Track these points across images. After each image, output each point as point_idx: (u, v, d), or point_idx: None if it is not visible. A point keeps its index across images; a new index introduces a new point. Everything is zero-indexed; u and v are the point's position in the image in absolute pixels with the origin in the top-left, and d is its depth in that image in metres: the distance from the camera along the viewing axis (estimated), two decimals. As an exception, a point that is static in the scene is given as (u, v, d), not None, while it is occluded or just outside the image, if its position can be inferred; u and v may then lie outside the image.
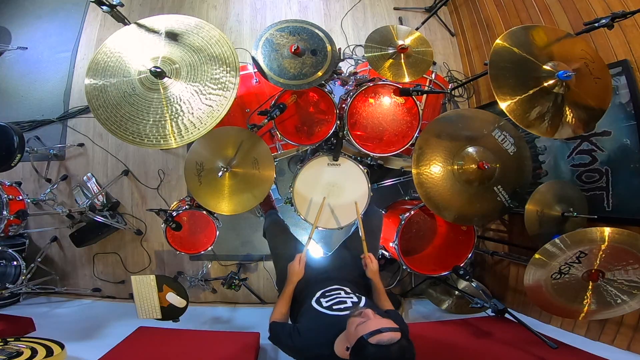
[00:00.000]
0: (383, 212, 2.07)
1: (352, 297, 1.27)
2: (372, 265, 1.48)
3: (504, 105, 1.44)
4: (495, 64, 1.47)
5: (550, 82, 1.45)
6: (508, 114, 1.44)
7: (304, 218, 1.85)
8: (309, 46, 1.65)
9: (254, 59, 1.62)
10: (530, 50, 1.50)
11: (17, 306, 2.57)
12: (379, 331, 0.93)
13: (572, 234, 1.40)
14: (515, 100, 1.45)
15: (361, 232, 1.62)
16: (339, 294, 1.30)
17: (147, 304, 1.90)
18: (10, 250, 2.38)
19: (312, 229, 1.72)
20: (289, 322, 1.37)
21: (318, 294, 1.31)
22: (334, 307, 1.21)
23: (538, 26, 1.59)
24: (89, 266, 2.76)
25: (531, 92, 1.46)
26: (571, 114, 1.49)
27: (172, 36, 1.50)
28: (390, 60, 1.73)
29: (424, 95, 1.89)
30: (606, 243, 1.36)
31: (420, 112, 1.77)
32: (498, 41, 1.50)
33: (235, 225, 2.71)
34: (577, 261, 1.42)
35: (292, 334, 1.15)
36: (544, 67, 1.48)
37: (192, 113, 1.41)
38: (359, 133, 1.83)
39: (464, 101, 2.81)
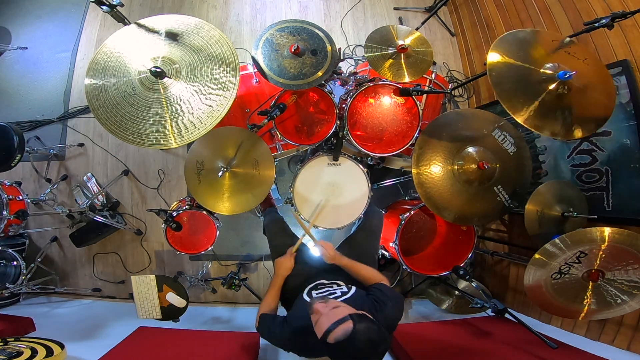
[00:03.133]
0: (383, 212, 2.07)
1: (342, 288, 1.29)
2: (326, 250, 1.45)
3: (520, 119, 1.44)
4: (498, 81, 1.47)
5: (553, 85, 1.45)
6: (530, 128, 1.44)
7: (304, 218, 1.85)
8: (309, 46, 1.65)
9: (254, 59, 1.62)
10: (529, 59, 1.50)
11: (17, 306, 2.57)
12: (329, 330, 0.94)
13: (572, 234, 1.40)
14: (530, 112, 1.45)
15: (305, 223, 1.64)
16: (332, 286, 1.32)
17: (147, 304, 1.90)
18: (10, 250, 2.37)
19: (310, 224, 1.72)
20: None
21: (310, 286, 1.34)
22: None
23: (521, 30, 1.60)
24: (89, 266, 2.76)
25: (540, 99, 1.46)
26: (584, 111, 1.49)
27: (172, 36, 1.50)
28: (390, 60, 1.73)
29: (424, 95, 1.89)
30: (606, 243, 1.36)
31: (420, 112, 1.77)
32: (490, 61, 1.49)
33: (235, 225, 2.71)
34: (577, 261, 1.42)
35: (283, 324, 1.20)
36: (542, 70, 1.48)
37: (192, 113, 1.41)
38: (359, 133, 1.83)
39: (464, 101, 2.81)
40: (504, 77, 1.49)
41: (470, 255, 1.92)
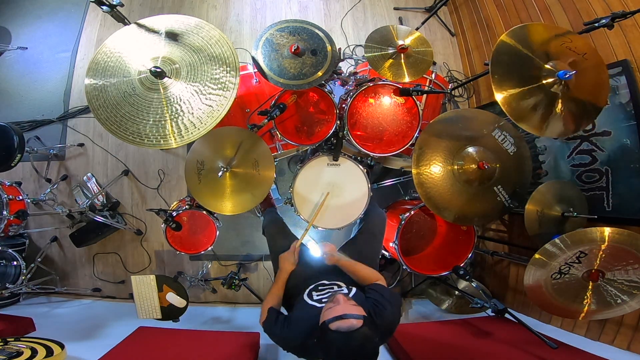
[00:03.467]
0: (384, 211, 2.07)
1: (342, 290, 1.29)
2: (328, 251, 1.46)
3: (499, 96, 1.44)
4: (498, 60, 1.47)
5: (549, 80, 1.45)
6: (501, 105, 1.44)
7: (304, 218, 1.85)
8: (309, 46, 1.65)
9: (254, 59, 1.62)
10: (532, 48, 1.50)
11: (17, 306, 2.57)
12: (340, 317, 0.96)
13: (572, 234, 1.40)
14: (511, 94, 1.45)
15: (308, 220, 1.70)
16: (332, 288, 1.32)
17: (147, 304, 1.90)
18: (10, 250, 2.37)
19: (310, 223, 1.72)
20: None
21: (311, 287, 1.34)
22: (323, 300, 1.24)
23: (539, 24, 1.59)
24: (89, 266, 2.76)
25: (529, 87, 1.46)
26: (566, 112, 1.49)
27: (172, 36, 1.50)
28: (390, 60, 1.73)
29: (424, 95, 1.89)
30: (606, 243, 1.36)
31: (420, 112, 1.77)
32: (502, 38, 1.49)
33: (235, 225, 2.71)
34: (577, 261, 1.42)
35: (284, 324, 1.20)
36: (546, 66, 1.48)
37: (192, 113, 1.41)
38: (359, 133, 1.83)
39: (464, 101, 2.81)
40: (506, 54, 1.49)
41: (470, 255, 1.92)
